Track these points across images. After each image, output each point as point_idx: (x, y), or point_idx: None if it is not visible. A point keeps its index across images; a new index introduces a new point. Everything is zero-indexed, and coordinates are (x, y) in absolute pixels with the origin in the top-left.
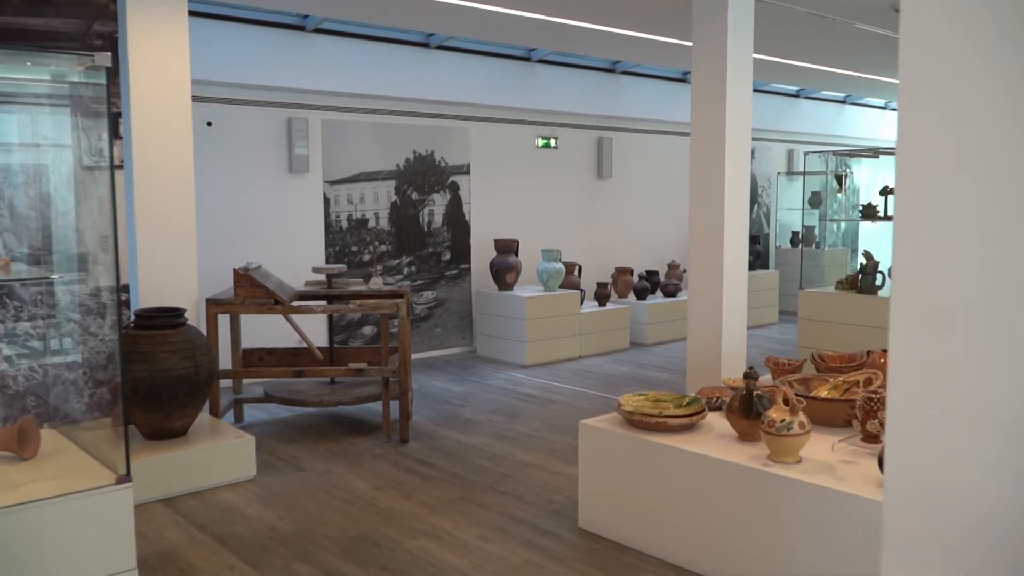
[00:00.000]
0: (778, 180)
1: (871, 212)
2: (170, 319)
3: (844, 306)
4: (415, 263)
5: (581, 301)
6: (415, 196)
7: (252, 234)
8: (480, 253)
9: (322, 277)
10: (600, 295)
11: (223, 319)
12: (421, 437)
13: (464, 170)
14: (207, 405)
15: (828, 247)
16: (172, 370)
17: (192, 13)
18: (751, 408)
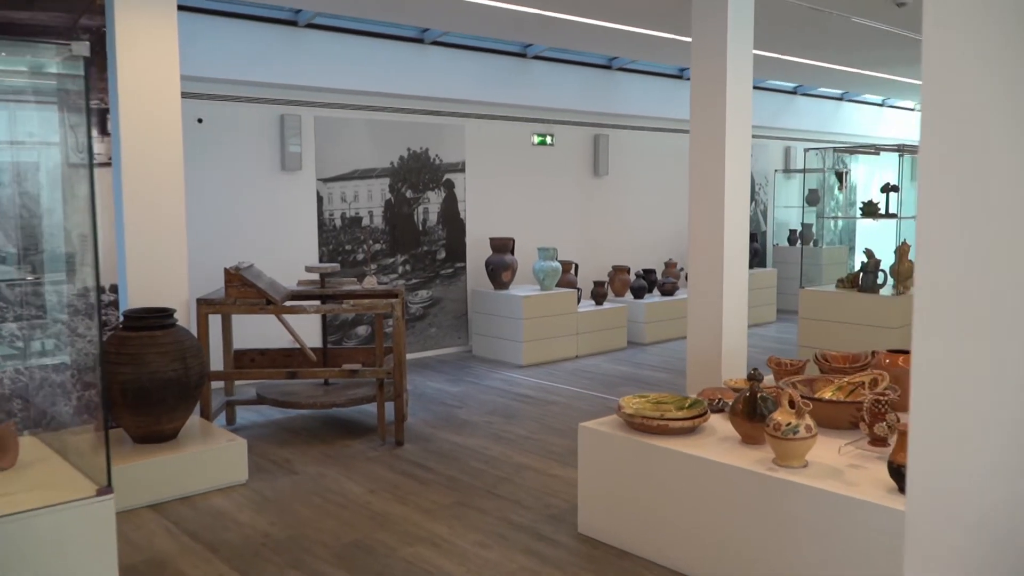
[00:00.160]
0: (775, 177)
1: (872, 209)
2: (159, 320)
3: (845, 305)
4: (410, 262)
5: (578, 300)
6: (410, 194)
7: (244, 233)
8: (476, 251)
9: (315, 276)
10: (597, 294)
11: (214, 319)
12: (416, 439)
13: (459, 167)
14: (198, 407)
15: (826, 245)
16: (161, 372)
17: (181, 8)
18: (755, 410)
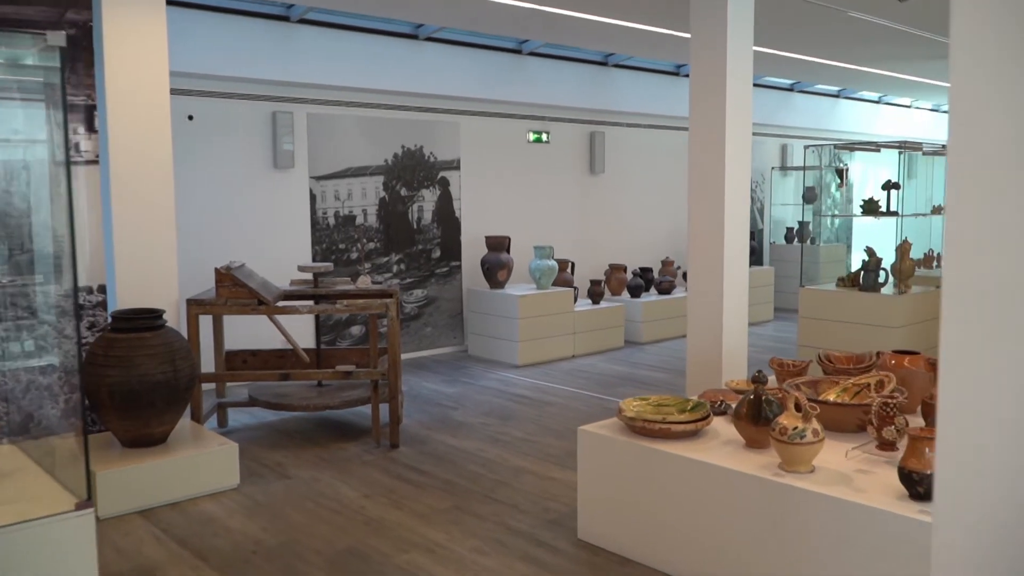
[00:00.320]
0: (772, 175)
1: (873, 207)
2: (148, 321)
3: (846, 304)
4: (404, 261)
5: (574, 299)
6: (404, 192)
7: (235, 232)
8: (471, 250)
9: (308, 276)
10: (593, 293)
11: (205, 320)
12: (412, 442)
13: (454, 165)
14: (188, 410)
15: (823, 243)
16: (150, 375)
17: (171, 2)
18: (760, 414)
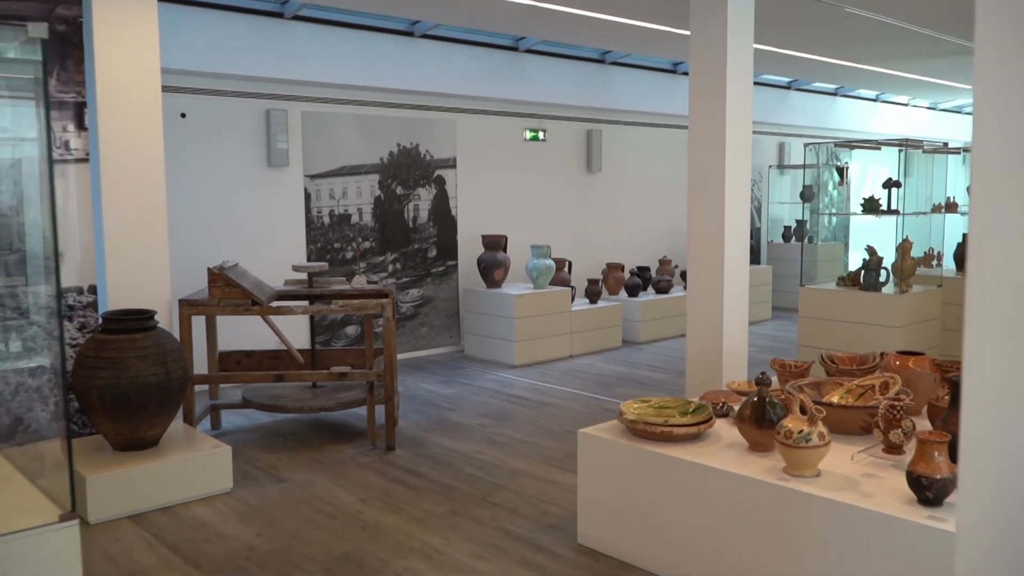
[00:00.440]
0: (769, 173)
1: (873, 206)
2: (139, 322)
3: (846, 304)
4: (400, 260)
5: (572, 298)
6: (399, 191)
7: (228, 231)
8: (467, 249)
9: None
10: (591, 292)
11: (198, 321)
12: (408, 444)
13: (450, 163)
14: (180, 413)
15: (821, 241)
16: (141, 377)
17: None
18: (764, 416)
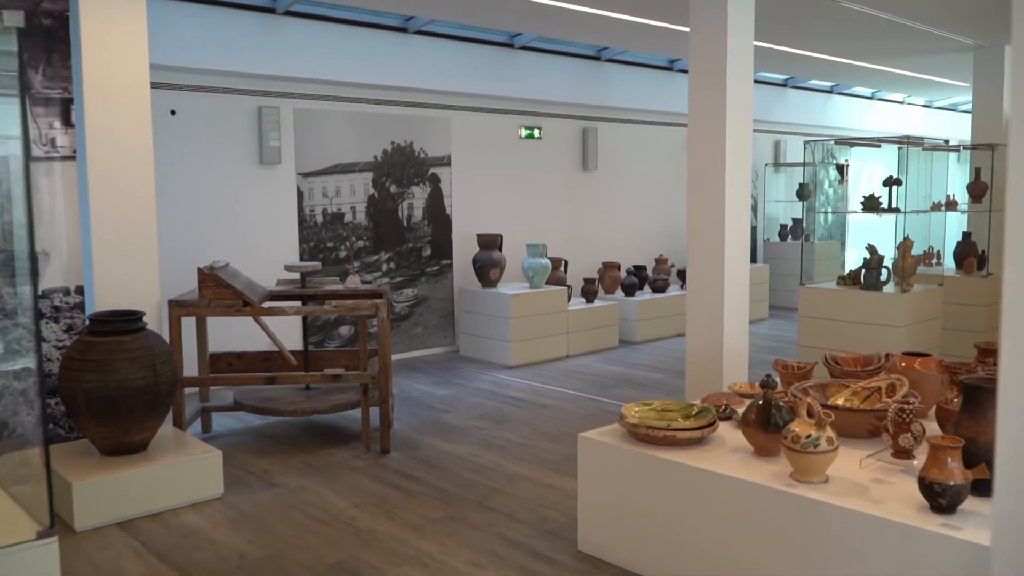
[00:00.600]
0: (765, 171)
1: (874, 204)
2: (128, 323)
3: (847, 303)
4: (394, 259)
5: (568, 298)
6: (394, 189)
7: (219, 230)
8: (462, 248)
9: (295, 276)
10: (587, 291)
11: (188, 322)
12: (403, 447)
13: (445, 161)
14: (170, 416)
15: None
16: (130, 380)
17: None
18: (769, 420)
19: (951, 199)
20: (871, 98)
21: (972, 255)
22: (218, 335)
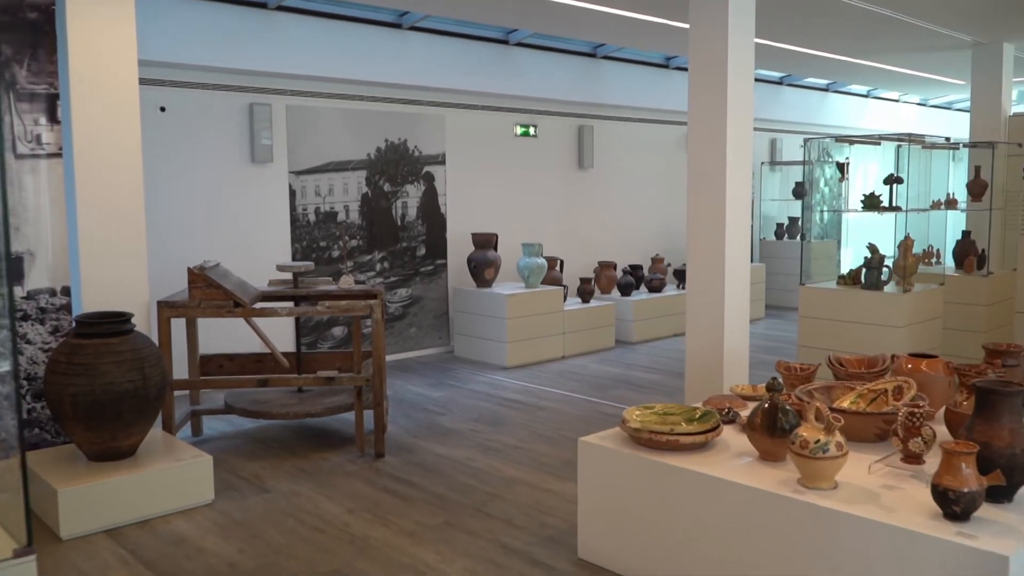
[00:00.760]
0: (761, 170)
1: (874, 202)
2: (115, 325)
3: (848, 303)
4: (388, 259)
5: (564, 298)
6: (387, 187)
7: (209, 230)
8: (457, 248)
9: (288, 276)
10: (583, 291)
11: (177, 324)
12: (398, 451)
13: (439, 160)
14: (159, 420)
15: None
16: (117, 383)
17: None
18: (776, 424)
19: (951, 197)
20: (866, 96)
21: (972, 254)
22: (208, 337)
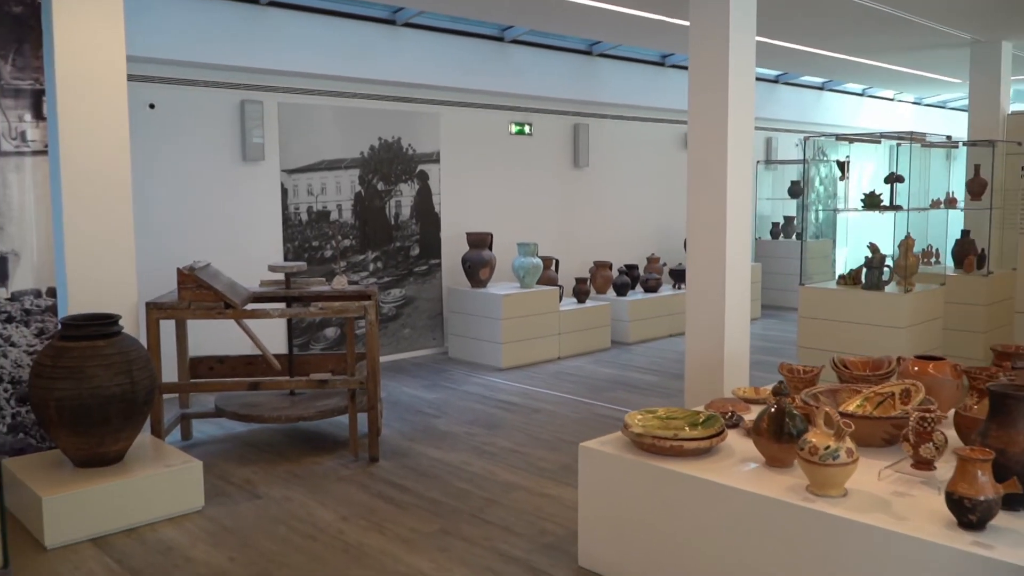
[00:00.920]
0: (757, 169)
1: (875, 201)
2: (102, 328)
3: (849, 303)
4: (381, 259)
5: (560, 298)
6: (381, 186)
7: (200, 229)
8: (451, 247)
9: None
10: (579, 291)
11: (166, 325)
12: (392, 455)
13: (433, 158)
14: (148, 424)
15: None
16: (104, 387)
17: None
18: (783, 429)
19: (951, 196)
20: (862, 95)
21: (971, 254)
22: (199, 338)
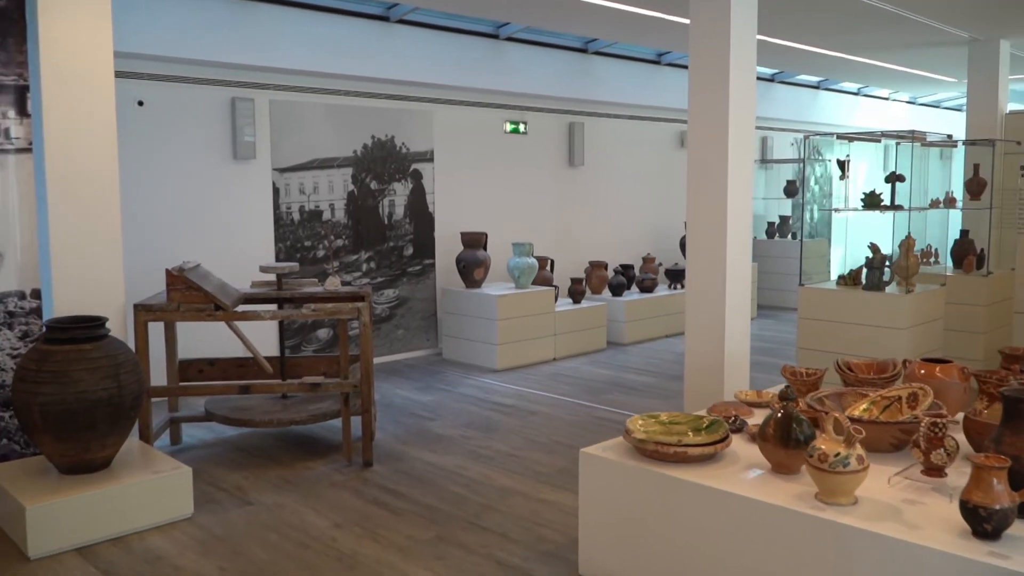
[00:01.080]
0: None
1: (875, 201)
2: (88, 330)
3: (849, 304)
4: (375, 259)
5: (555, 298)
6: (374, 185)
7: (189, 229)
8: (445, 247)
9: (271, 277)
10: (574, 291)
11: (155, 328)
12: (387, 459)
13: (427, 157)
14: (135, 429)
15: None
16: (90, 392)
17: None
18: (790, 435)
19: (950, 196)
20: (857, 94)
21: (971, 254)
22: (188, 341)
